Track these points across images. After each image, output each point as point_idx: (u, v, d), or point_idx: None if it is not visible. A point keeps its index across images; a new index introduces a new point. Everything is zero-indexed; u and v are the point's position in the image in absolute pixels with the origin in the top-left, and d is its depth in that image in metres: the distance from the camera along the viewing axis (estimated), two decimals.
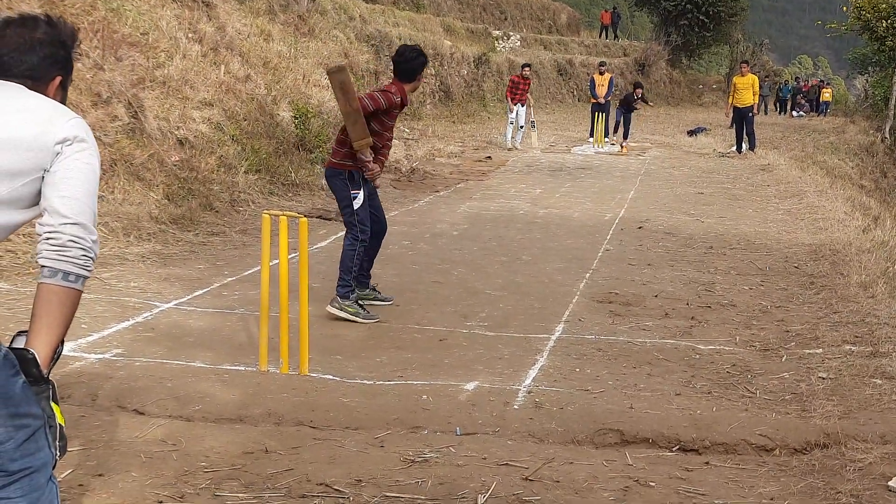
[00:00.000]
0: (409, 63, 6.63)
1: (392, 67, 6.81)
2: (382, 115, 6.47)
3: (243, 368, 5.53)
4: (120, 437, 4.52)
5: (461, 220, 11.32)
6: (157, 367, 5.44)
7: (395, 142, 17.52)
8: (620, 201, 13.24)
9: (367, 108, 6.29)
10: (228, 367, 5.53)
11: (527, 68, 20.97)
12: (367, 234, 6.68)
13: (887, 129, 30.86)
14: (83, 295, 2.41)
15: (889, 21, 28.52)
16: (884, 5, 28.59)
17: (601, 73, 22.90)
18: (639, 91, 22.88)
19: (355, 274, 6.69)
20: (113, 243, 8.22)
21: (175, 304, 6.88)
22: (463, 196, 13.31)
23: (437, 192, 13.67)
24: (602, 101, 22.26)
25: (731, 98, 20.80)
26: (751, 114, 20.26)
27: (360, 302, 6.75)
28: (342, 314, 6.60)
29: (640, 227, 11.12)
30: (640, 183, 15.39)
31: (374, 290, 7.12)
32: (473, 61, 28.27)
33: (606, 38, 47.49)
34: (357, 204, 6.61)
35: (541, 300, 7.60)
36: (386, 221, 7.17)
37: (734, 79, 21.62)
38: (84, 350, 5.67)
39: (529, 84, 20.82)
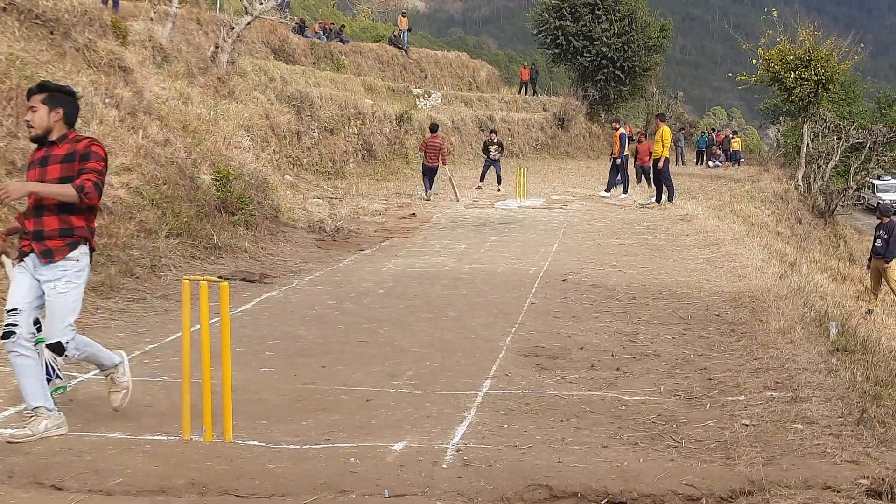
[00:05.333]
0: None
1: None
2: None
3: (165, 438, 5.41)
4: None
5: (387, 278, 11.30)
6: (76, 441, 5.29)
7: (317, 201, 17.55)
8: (544, 255, 13.36)
9: None
10: (150, 437, 5.40)
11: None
12: None
13: (800, 177, 31.81)
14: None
15: (797, 72, 29.48)
16: (791, 57, 29.57)
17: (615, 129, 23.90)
18: (493, 136, 25.42)
19: None
20: None
21: (94, 375, 6.71)
22: (388, 254, 13.32)
23: (362, 250, 13.65)
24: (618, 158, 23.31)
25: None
26: (659, 165, 20.55)
27: None
28: None
29: (564, 280, 11.22)
30: (564, 236, 15.56)
31: None
32: (395, 119, 28.46)
33: (526, 93, 48.21)
34: None
35: (468, 356, 7.60)
36: None
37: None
38: (0, 425, 5.50)
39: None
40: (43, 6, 12.37)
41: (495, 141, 25.15)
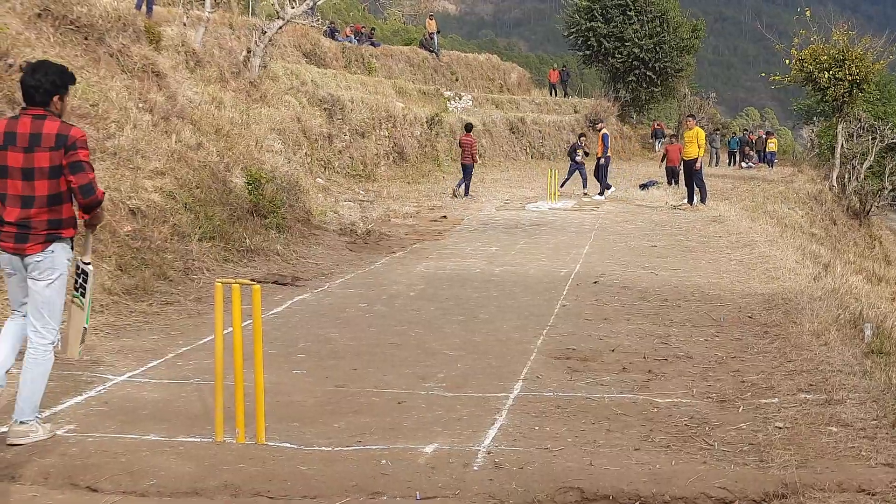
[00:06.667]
0: None
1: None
2: None
3: (199, 440, 5.45)
4: None
5: (418, 280, 11.32)
6: (111, 442, 5.35)
7: (349, 204, 17.62)
8: (576, 256, 13.33)
9: None
10: (183, 439, 5.45)
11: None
12: None
13: (834, 178, 31.50)
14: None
15: (831, 72, 29.20)
16: (825, 57, 29.29)
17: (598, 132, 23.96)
18: (582, 139, 25.59)
19: None
20: (65, 316, 8.09)
21: (129, 377, 6.79)
22: (419, 256, 13.34)
23: (394, 252, 13.68)
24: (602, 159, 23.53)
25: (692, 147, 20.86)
26: (696, 166, 20.46)
27: None
28: None
29: (595, 282, 11.19)
30: (595, 238, 15.52)
31: None
32: (426, 122, 28.51)
33: (556, 95, 48.13)
34: None
35: (499, 358, 7.60)
36: None
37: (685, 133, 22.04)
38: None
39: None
40: (77, 12, 12.50)
41: (582, 145, 25.14)
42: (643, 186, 26.04)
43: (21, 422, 5.28)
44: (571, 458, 5.20)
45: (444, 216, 18.45)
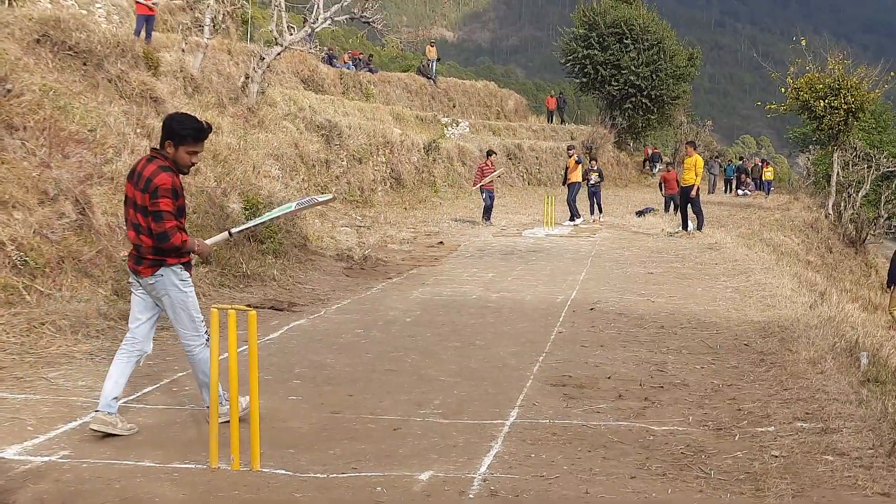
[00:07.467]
0: None
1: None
2: None
3: (193, 466, 5.43)
4: None
5: (414, 306, 11.31)
6: (105, 468, 5.33)
7: (346, 230, 17.62)
8: (572, 283, 13.33)
9: None
10: (178, 465, 5.43)
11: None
12: None
13: (830, 206, 31.58)
14: (29, 397, 2.37)
15: (827, 101, 29.35)
16: (820, 86, 29.45)
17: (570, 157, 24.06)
18: (593, 163, 25.25)
19: None
20: (60, 342, 8.09)
21: (124, 402, 6.75)
22: (415, 282, 13.34)
23: (390, 278, 13.67)
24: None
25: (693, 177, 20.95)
26: (692, 193, 20.50)
27: None
28: None
29: (591, 309, 11.19)
30: (591, 264, 15.52)
31: None
32: (423, 148, 28.59)
33: (553, 122, 48.33)
34: None
35: (495, 385, 7.59)
36: None
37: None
38: (29, 453, 5.55)
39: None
40: (76, 38, 12.56)
41: (595, 168, 24.73)
42: (640, 213, 26.10)
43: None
44: (567, 486, 5.19)
45: (441, 242, 18.46)
